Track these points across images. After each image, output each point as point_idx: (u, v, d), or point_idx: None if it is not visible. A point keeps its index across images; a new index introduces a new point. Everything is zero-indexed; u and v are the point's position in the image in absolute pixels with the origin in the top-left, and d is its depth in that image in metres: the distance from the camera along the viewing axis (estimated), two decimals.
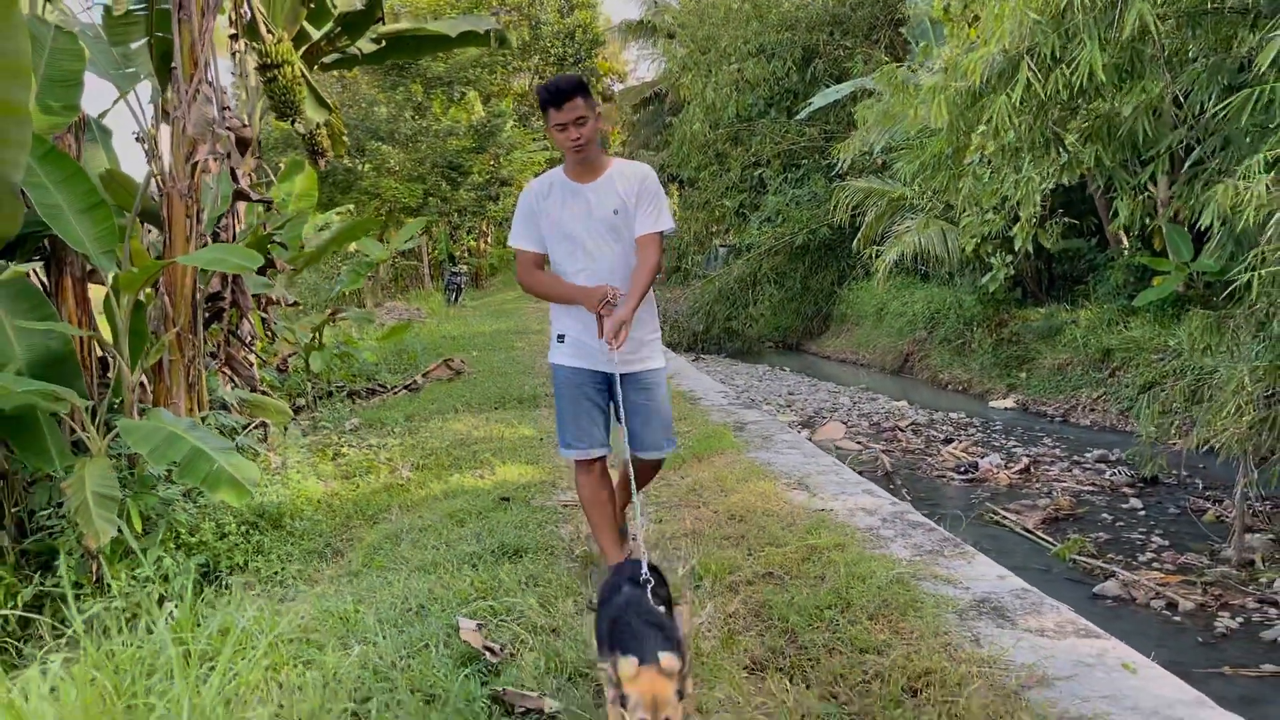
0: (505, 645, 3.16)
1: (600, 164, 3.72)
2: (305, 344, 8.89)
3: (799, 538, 4.00)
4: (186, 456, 4.75)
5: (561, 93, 3.54)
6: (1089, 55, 7.72)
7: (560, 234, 3.71)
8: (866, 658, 2.92)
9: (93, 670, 2.90)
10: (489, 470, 5.63)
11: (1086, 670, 2.84)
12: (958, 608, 3.30)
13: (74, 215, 5.32)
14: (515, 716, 2.74)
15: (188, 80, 5.69)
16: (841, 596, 3.34)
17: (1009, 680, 2.74)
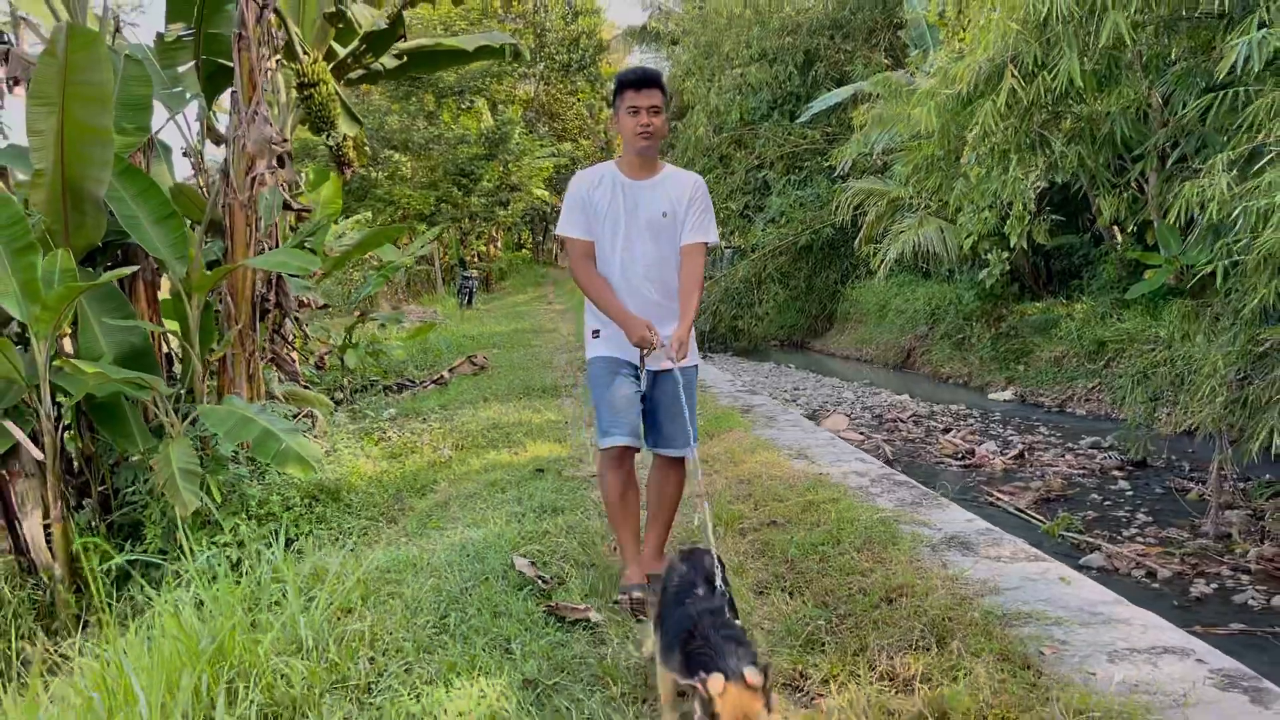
0: (553, 576, 3.87)
1: (656, 165, 3.75)
2: (340, 343, 9.63)
3: (799, 495, 4.70)
4: (259, 437, 5.47)
5: (648, 79, 3.63)
6: (1068, 63, 8.40)
7: (605, 226, 3.74)
8: (852, 578, 3.62)
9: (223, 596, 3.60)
10: (521, 448, 6.35)
11: (1030, 583, 3.54)
12: (931, 543, 4.00)
13: (150, 225, 6.05)
14: (565, 625, 3.44)
15: (247, 102, 6.42)
16: (833, 535, 4.04)
17: (967, 590, 3.43)
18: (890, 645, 2.97)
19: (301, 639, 3.35)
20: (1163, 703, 2.56)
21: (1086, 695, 2.55)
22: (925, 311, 17.67)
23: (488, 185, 24.45)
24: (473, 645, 3.24)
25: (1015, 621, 3.14)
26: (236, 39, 6.49)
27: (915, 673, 2.75)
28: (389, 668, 3.16)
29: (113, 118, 5.80)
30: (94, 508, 6.00)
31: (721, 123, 22.18)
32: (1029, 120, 9.45)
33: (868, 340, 19.50)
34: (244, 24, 6.49)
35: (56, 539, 5.46)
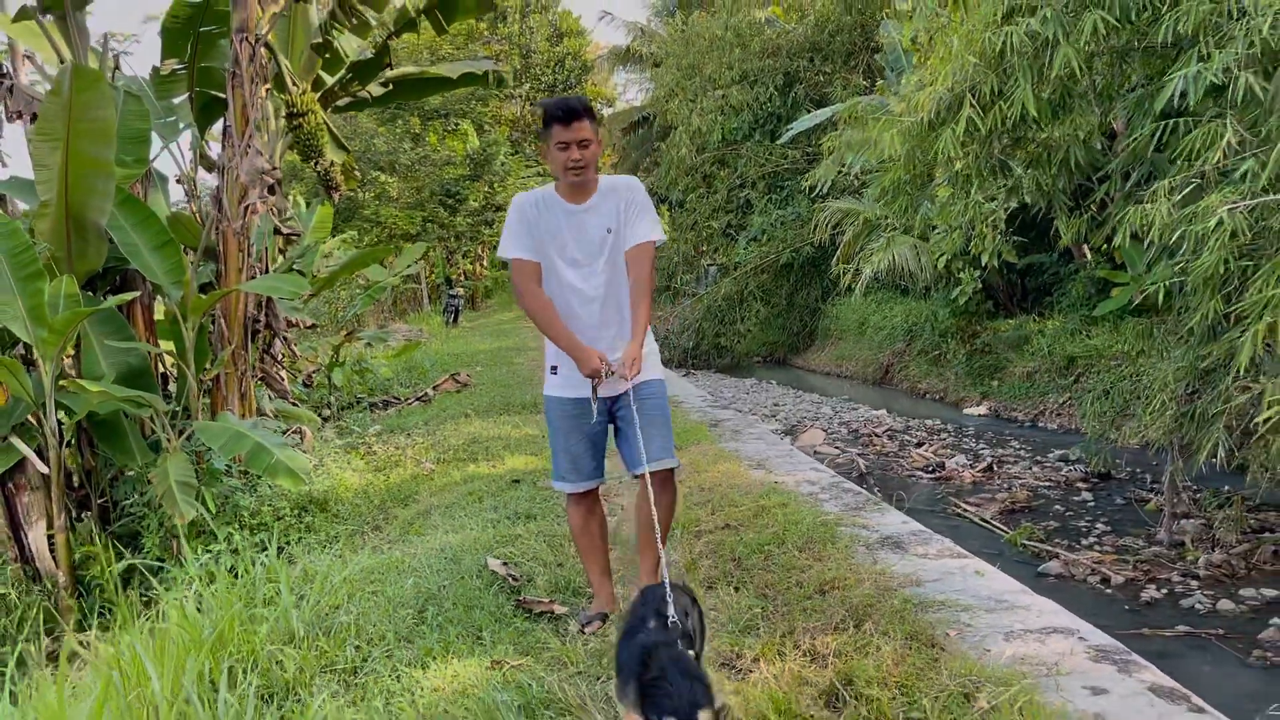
0: (523, 575, 4.29)
1: (592, 185, 3.66)
2: (327, 361, 10.05)
3: (753, 501, 5.15)
4: (252, 451, 5.89)
5: (571, 111, 3.49)
6: (1022, 94, 8.90)
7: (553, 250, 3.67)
8: (791, 574, 4.05)
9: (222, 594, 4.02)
10: (500, 461, 6.79)
11: (949, 575, 3.98)
12: (867, 542, 4.45)
13: (148, 252, 6.48)
14: (532, 616, 3.86)
15: (240, 135, 6.86)
16: (778, 536, 4.48)
17: (891, 583, 3.87)
18: (815, 628, 3.41)
19: (294, 630, 3.76)
20: (1039, 671, 3.00)
21: (973, 664, 2.99)
22: (903, 328, 18.18)
23: (473, 205, 25.01)
24: (447, 634, 3.66)
25: (929, 608, 3.59)
26: (231, 76, 6.94)
27: (832, 650, 3.18)
28: (373, 654, 3.58)
29: (114, 151, 6.23)
30: (94, 519, 6.39)
31: (704, 143, 22.73)
32: (989, 146, 9.95)
33: (847, 356, 19.99)
34: (238, 62, 6.94)
35: (60, 548, 5.86)
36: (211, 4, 8.09)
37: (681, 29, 24.62)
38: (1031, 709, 2.69)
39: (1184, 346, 8.74)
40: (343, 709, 3.13)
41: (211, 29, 8.35)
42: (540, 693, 3.07)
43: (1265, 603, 7.01)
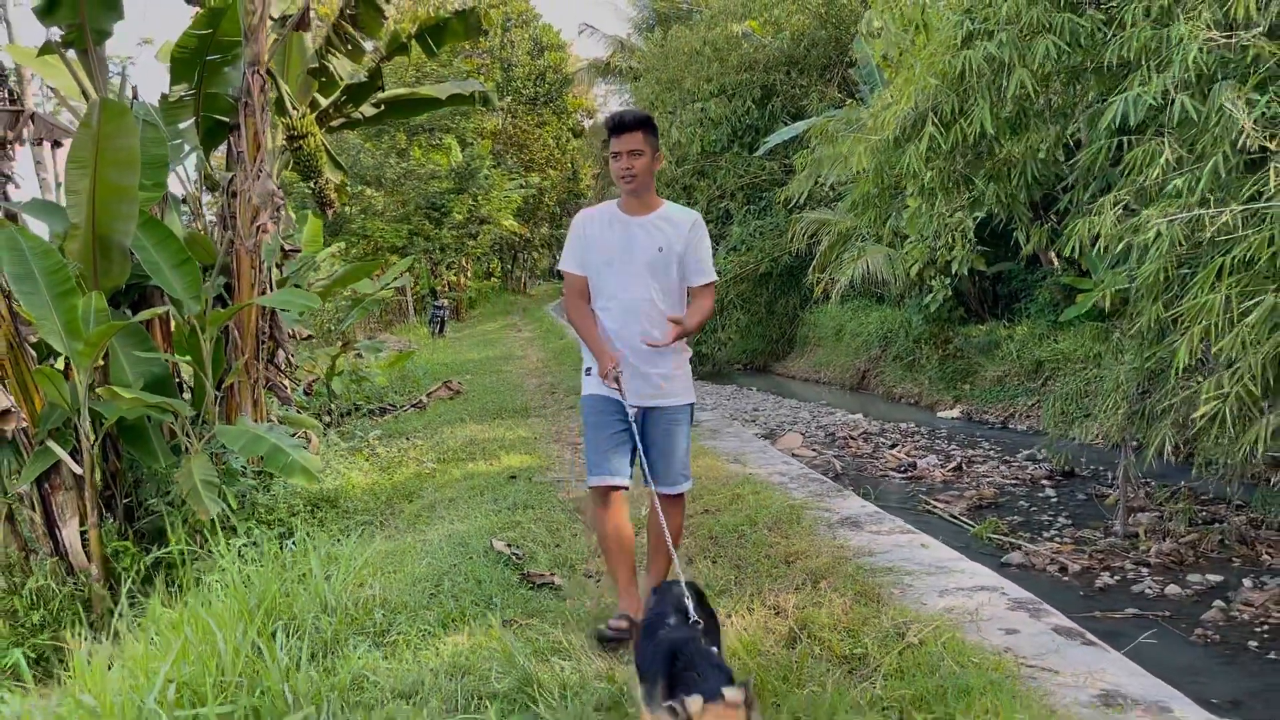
0: (525, 553, 4.91)
1: (652, 202, 3.91)
2: (325, 371, 10.64)
3: (729, 490, 5.79)
4: (268, 451, 6.47)
5: (624, 124, 3.78)
6: (980, 113, 9.62)
7: (601, 260, 3.90)
8: (761, 549, 4.69)
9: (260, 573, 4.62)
10: (496, 460, 7.40)
11: (898, 548, 4.63)
12: (829, 522, 5.10)
13: (168, 270, 7.06)
14: (535, 587, 4.48)
15: (252, 161, 7.46)
16: (750, 519, 5.12)
17: (847, 554, 4.52)
18: (779, 590, 4.05)
19: (326, 601, 4.36)
20: (963, 617, 3.65)
21: (909, 612, 3.63)
22: (878, 335, 18.90)
23: (458, 218, 25.69)
24: (462, 601, 4.27)
25: (878, 573, 4.23)
26: (243, 106, 7.54)
27: (792, 605, 3.82)
28: (398, 620, 4.18)
29: (138, 177, 6.81)
30: (120, 518, 6.95)
31: (684, 154, 23.42)
32: (952, 162, 10.67)
33: (825, 363, 20.70)
34: (249, 93, 7.54)
35: (92, 544, 6.42)
36: (217, 35, 8.67)
37: (660, 44, 25.33)
38: (953, 643, 3.34)
39: (1134, 349, 9.44)
40: (378, 660, 3.73)
41: (216, 58, 8.93)
42: (547, 643, 3.68)
43: (1209, 587, 7.65)
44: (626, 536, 3.92)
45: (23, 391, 6.28)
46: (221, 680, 3.47)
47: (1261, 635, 6.77)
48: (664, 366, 3.87)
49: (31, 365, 6.35)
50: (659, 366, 3.86)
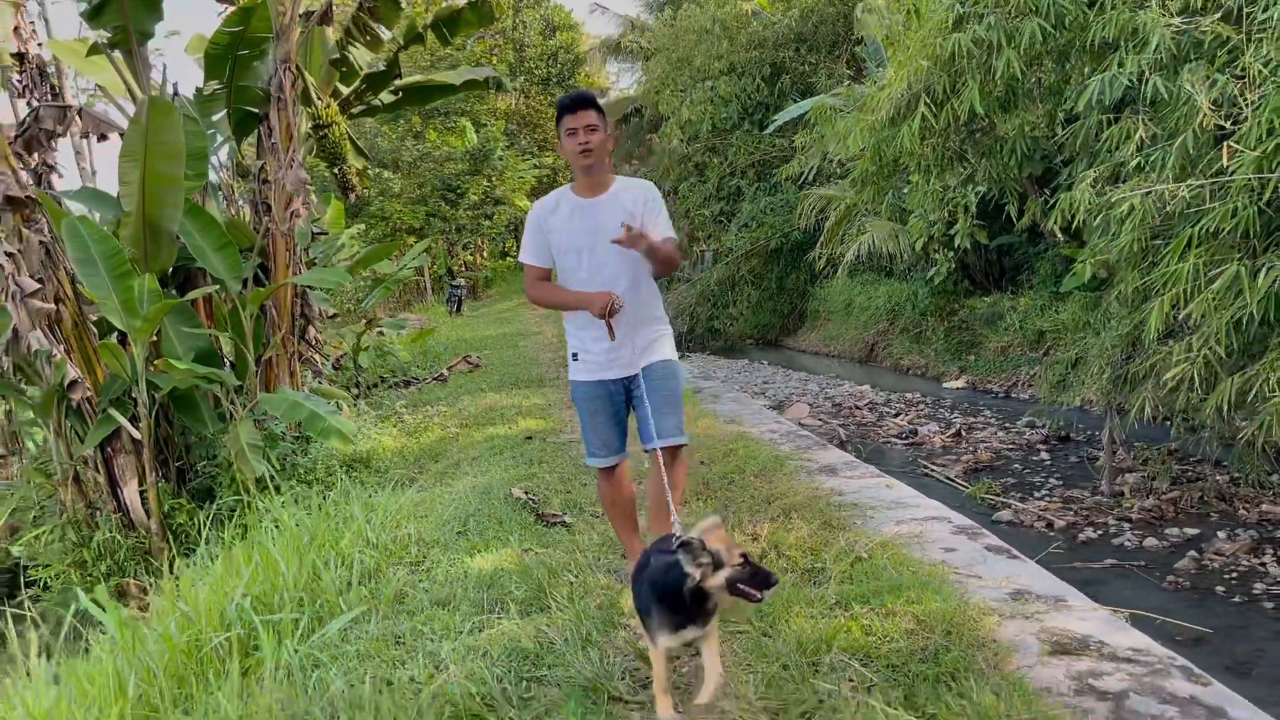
0: (540, 498, 5.65)
1: (606, 180, 3.98)
2: (351, 347, 11.41)
3: (724, 446, 6.50)
4: (308, 417, 7.23)
5: (577, 100, 3.87)
6: (970, 94, 10.21)
7: (567, 247, 3.98)
8: (747, 491, 5.40)
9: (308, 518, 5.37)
10: (514, 424, 8.14)
11: (865, 489, 5.34)
12: (809, 470, 5.80)
13: (211, 253, 7.81)
14: (550, 525, 5.20)
15: (285, 151, 8.18)
16: (739, 468, 5.83)
17: (820, 494, 5.23)
18: (757, 521, 4.76)
19: (368, 538, 5.10)
20: (910, 539, 4.35)
21: (863, 534, 4.34)
22: (886, 308, 19.48)
23: (473, 199, 26.44)
24: (486, 536, 5.01)
25: (844, 508, 4.93)
26: (276, 101, 8.26)
27: (766, 532, 4.53)
28: (431, 552, 4.92)
29: (183, 168, 7.54)
30: (174, 479, 7.74)
31: (695, 133, 23.97)
32: (947, 140, 11.26)
33: (835, 337, 21.31)
34: (281, 88, 8.25)
35: (151, 501, 7.21)
36: (247, 32, 9.37)
37: (671, 22, 25.85)
38: (896, 557, 4.04)
39: (1118, 317, 10.03)
40: (415, 581, 4.47)
41: (246, 53, 9.64)
42: (559, 565, 4.41)
43: (1185, 540, 8.22)
44: (629, 502, 4.24)
45: (87, 364, 7.06)
46: (285, 596, 4.22)
47: (1229, 581, 7.33)
48: (648, 328, 4.03)
49: (94, 341, 7.11)
50: (643, 329, 4.01)
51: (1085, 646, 3.25)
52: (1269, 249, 7.24)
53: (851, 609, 3.52)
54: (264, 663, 3.44)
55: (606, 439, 4.13)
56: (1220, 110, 7.42)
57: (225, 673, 3.39)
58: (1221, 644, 6.40)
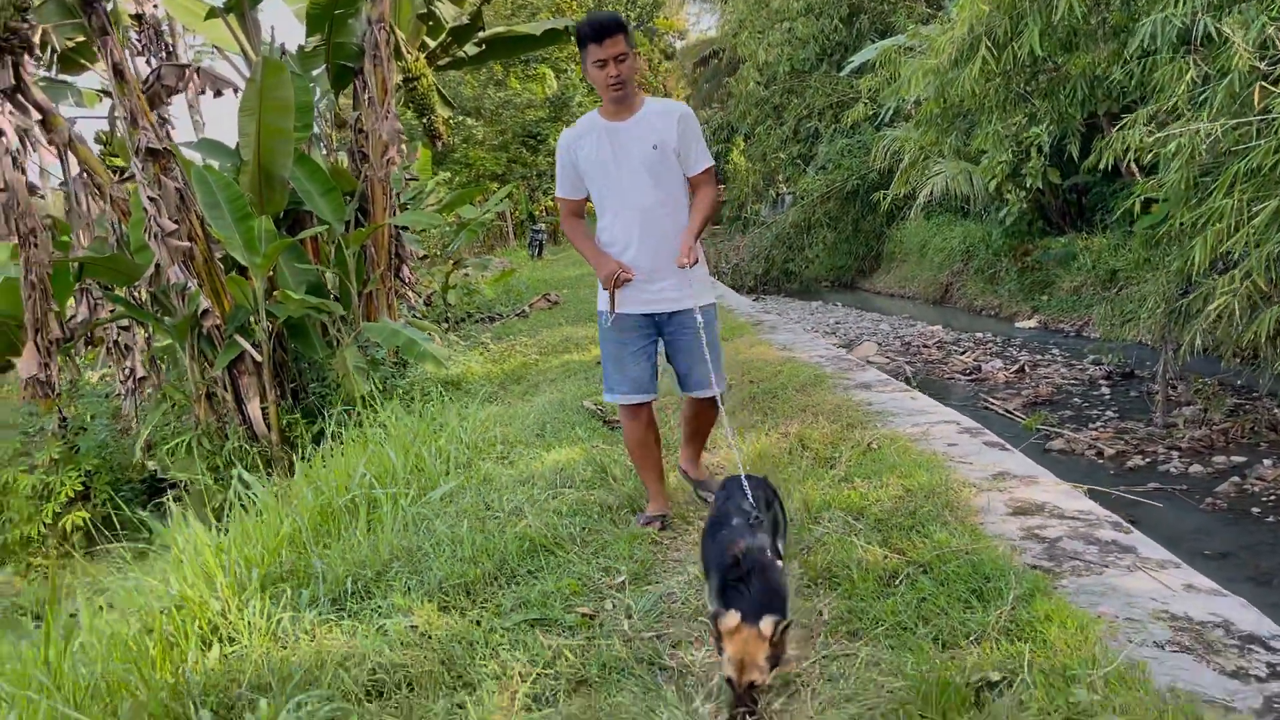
0: (606, 410, 6.58)
1: (635, 103, 3.88)
2: (440, 285, 12.52)
3: (773, 368, 7.34)
4: (405, 343, 8.28)
5: (604, 28, 3.69)
6: (1030, 36, 10.66)
7: (597, 174, 3.94)
8: (788, 402, 6.25)
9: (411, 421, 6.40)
10: (587, 351, 9.10)
11: (893, 400, 6.14)
12: (846, 386, 6.62)
13: (318, 197, 8.88)
14: (614, 430, 6.13)
15: (381, 104, 9.17)
16: (784, 385, 6.67)
17: (853, 404, 6.04)
18: (790, 424, 5.62)
19: (461, 438, 6.10)
20: (918, 437, 5.16)
21: (879, 432, 5.16)
22: (960, 249, 19.87)
23: (553, 144, 27.32)
24: (560, 436, 5.97)
25: (869, 415, 5.75)
26: (372, 57, 9.22)
27: (796, 430, 5.39)
28: (514, 449, 5.89)
29: (293, 121, 8.58)
30: (288, 398, 8.90)
31: (772, 74, 24.40)
32: (1009, 81, 11.72)
33: (910, 278, 21.76)
34: (377, 45, 9.21)
35: (271, 416, 8.37)
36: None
37: None
38: (902, 448, 4.86)
39: (1178, 252, 10.46)
40: (499, 468, 5.45)
41: (341, 12, 10.62)
42: (619, 455, 5.34)
43: (1230, 467, 8.70)
44: (654, 443, 4.25)
45: (215, 296, 8.20)
46: (396, 476, 5.23)
47: (1266, 503, 7.84)
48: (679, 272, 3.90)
49: (221, 275, 8.25)
50: (674, 272, 3.91)
51: (1041, 509, 4.04)
52: None
53: (853, 482, 4.37)
54: (383, 518, 4.45)
55: (633, 376, 4.05)
56: (1255, 52, 7.84)
57: (353, 524, 4.41)
58: (1248, 559, 7.03)
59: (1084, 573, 3.40)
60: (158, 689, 2.89)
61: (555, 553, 3.88)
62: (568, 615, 3.33)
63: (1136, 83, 10.04)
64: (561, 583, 3.56)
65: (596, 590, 3.55)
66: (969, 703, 2.51)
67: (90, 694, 2.87)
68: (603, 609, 3.40)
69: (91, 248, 8.59)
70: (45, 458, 7.98)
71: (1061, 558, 3.53)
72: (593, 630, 3.23)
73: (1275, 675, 2.71)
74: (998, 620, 2.96)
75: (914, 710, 2.48)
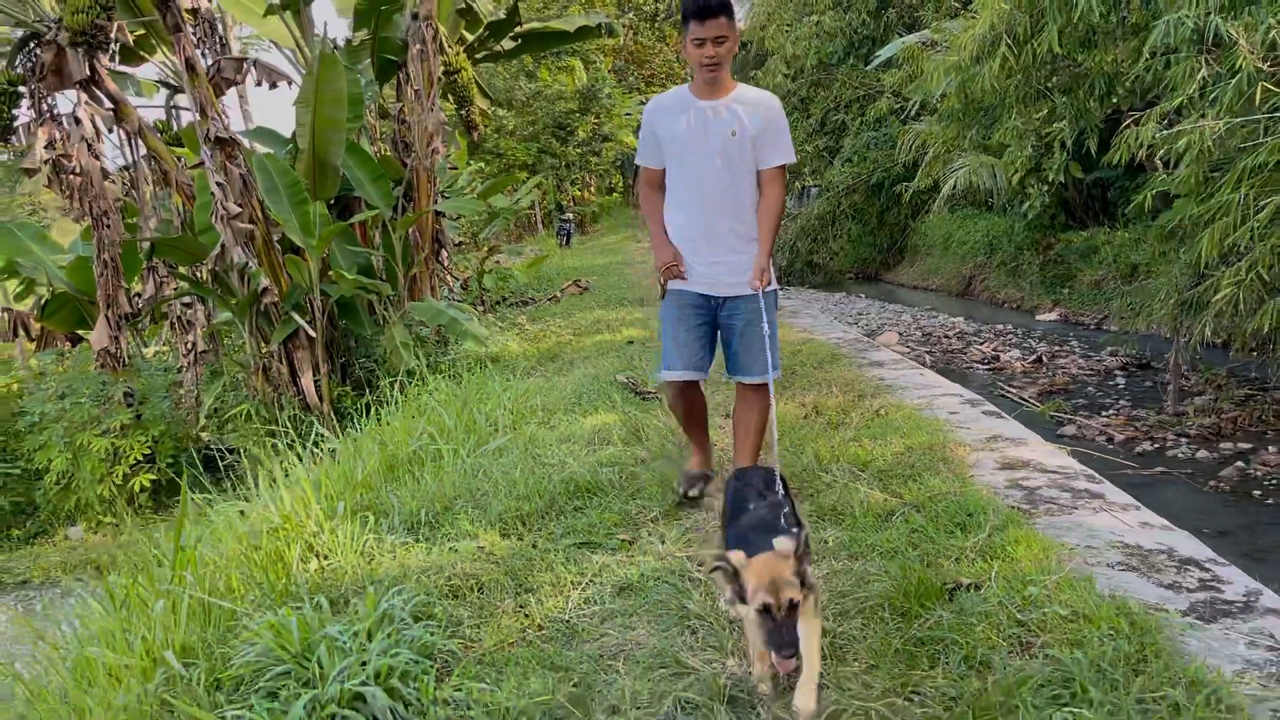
0: (638, 381, 7.20)
1: (727, 85, 3.91)
2: (476, 271, 13.20)
3: (794, 347, 7.95)
4: (448, 322, 8.93)
5: (707, 8, 3.71)
6: (1049, 34, 11.16)
7: (676, 148, 3.99)
8: (806, 377, 6.85)
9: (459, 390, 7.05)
10: (618, 332, 9.75)
11: (904, 376, 6.72)
12: (859, 364, 7.21)
13: (368, 184, 9.54)
14: (645, 399, 6.75)
15: (426, 97, 9.82)
16: (803, 362, 7.27)
17: (866, 378, 6.63)
18: (806, 392, 6.22)
19: (505, 405, 6.74)
20: (923, 406, 5.74)
21: (888, 402, 5.76)
22: (983, 242, 20.33)
23: (582, 135, 28.12)
24: (595, 404, 6.59)
25: (881, 388, 6.34)
26: (419, 53, 9.87)
27: (811, 400, 5.99)
28: (553, 415, 6.52)
29: (346, 112, 9.23)
30: (338, 372, 9.58)
31: (800, 67, 24.87)
32: (1030, 77, 12.22)
33: (934, 271, 22.24)
34: (424, 41, 9.86)
35: (324, 389, 9.05)
36: None
37: None
38: (906, 414, 5.46)
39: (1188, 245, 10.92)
40: (542, 430, 6.08)
41: (387, 8, 11.28)
42: (650, 417, 5.95)
43: (1236, 453, 9.17)
44: (699, 407, 4.33)
45: (273, 275, 8.88)
46: (450, 434, 5.88)
47: (1268, 486, 8.30)
48: (743, 254, 3.98)
49: (279, 257, 8.93)
50: (738, 253, 3.99)
51: (1026, 465, 4.63)
52: None
53: (861, 442, 4.97)
54: (444, 466, 5.10)
55: (685, 346, 4.08)
56: (1261, 53, 8.33)
57: (420, 472, 5.06)
58: (1245, 537, 7.54)
59: (1056, 513, 3.99)
60: (273, 585, 3.54)
61: (596, 494, 4.51)
62: (609, 540, 3.96)
63: (1152, 80, 10.53)
64: (605, 516, 4.19)
65: (634, 522, 4.18)
66: (942, 596, 3.11)
67: (222, 590, 3.52)
68: (639, 536, 4.02)
69: (159, 229, 9.30)
70: (116, 423, 8.70)
71: (1038, 501, 4.12)
72: (632, 551, 3.86)
73: (1204, 587, 3.30)
74: (975, 545, 3.56)
75: (897, 600, 3.09)
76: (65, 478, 8.75)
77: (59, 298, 10.14)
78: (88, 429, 8.71)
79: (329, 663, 2.83)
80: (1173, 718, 2.41)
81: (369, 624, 3.06)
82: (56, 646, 3.54)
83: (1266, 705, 2.52)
